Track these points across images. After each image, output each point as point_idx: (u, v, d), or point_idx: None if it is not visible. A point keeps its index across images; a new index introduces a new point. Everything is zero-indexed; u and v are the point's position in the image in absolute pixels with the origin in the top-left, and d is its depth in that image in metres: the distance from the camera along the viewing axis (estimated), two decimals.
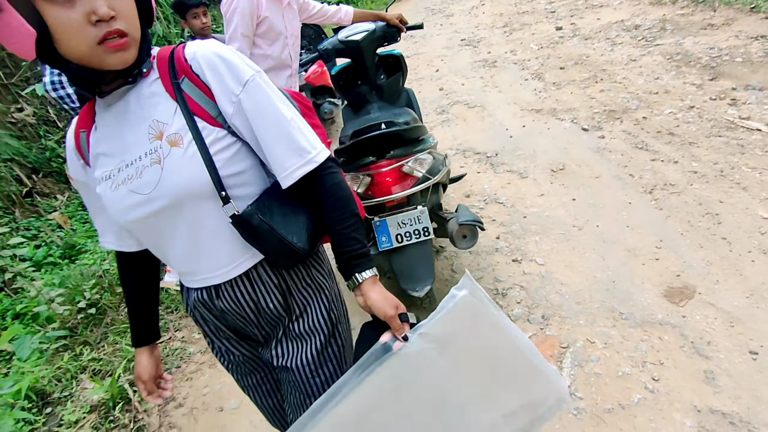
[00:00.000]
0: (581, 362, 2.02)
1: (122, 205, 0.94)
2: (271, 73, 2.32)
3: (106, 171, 0.96)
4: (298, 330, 1.10)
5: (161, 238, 1.00)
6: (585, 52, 5.56)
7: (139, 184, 0.92)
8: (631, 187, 3.04)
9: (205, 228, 0.97)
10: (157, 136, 0.92)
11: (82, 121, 1.00)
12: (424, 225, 2.08)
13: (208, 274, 1.02)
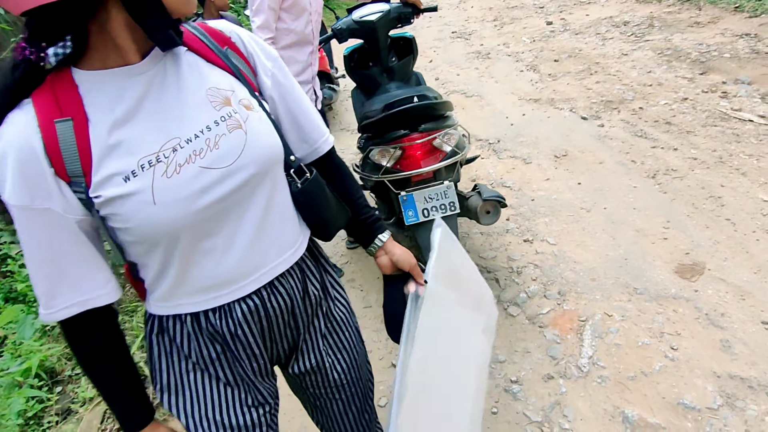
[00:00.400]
0: (601, 334, 2.09)
1: (191, 190, 0.77)
2: (294, 48, 2.30)
3: (144, 158, 0.75)
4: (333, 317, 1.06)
5: (223, 231, 0.83)
6: (577, 46, 5.68)
7: (215, 157, 0.79)
8: (635, 172, 3.13)
9: (277, 204, 0.90)
10: (224, 102, 0.82)
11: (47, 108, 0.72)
12: (450, 200, 2.11)
13: (274, 263, 0.91)
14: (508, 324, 2.25)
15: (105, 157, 0.73)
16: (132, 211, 0.74)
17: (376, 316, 2.45)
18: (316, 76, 2.53)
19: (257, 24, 2.17)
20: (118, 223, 0.76)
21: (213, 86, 0.82)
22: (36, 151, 0.71)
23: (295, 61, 2.32)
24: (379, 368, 2.17)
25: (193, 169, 0.77)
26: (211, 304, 0.87)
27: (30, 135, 0.71)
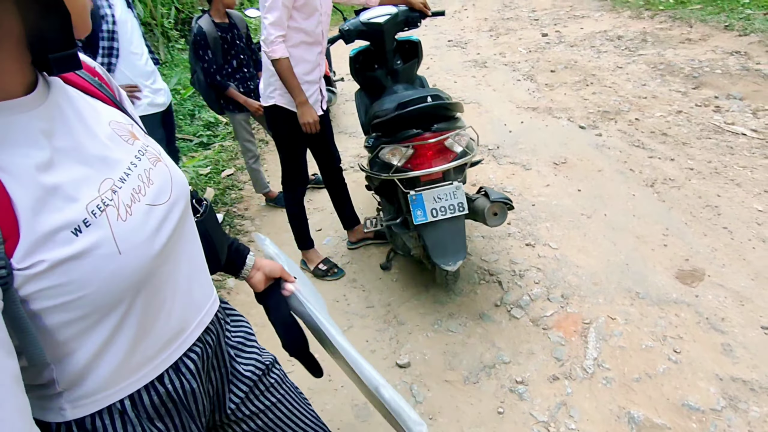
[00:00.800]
0: (605, 337, 2.11)
1: (148, 231, 0.68)
2: (303, 47, 2.31)
3: (91, 202, 0.62)
4: (246, 356, 1.02)
5: (170, 274, 0.75)
6: (573, 58, 5.78)
7: (155, 193, 0.72)
8: (633, 180, 3.19)
9: (195, 237, 0.85)
10: (132, 136, 0.75)
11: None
12: (459, 200, 2.12)
13: (209, 302, 0.87)
14: (512, 326, 2.27)
15: (40, 210, 0.57)
16: (91, 272, 0.60)
17: (379, 317, 2.45)
18: (323, 78, 2.54)
19: (270, 21, 2.17)
20: (58, 298, 0.58)
21: (113, 120, 0.74)
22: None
23: (304, 60, 2.33)
24: (383, 368, 2.17)
25: (143, 208, 0.69)
26: (165, 364, 0.77)
27: None
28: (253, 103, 3.21)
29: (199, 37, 3.02)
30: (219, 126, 5.21)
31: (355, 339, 2.34)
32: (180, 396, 0.79)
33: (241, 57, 3.22)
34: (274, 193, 3.66)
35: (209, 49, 3.05)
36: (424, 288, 2.58)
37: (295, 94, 2.29)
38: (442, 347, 2.22)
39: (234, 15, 3.19)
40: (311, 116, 2.33)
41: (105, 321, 0.65)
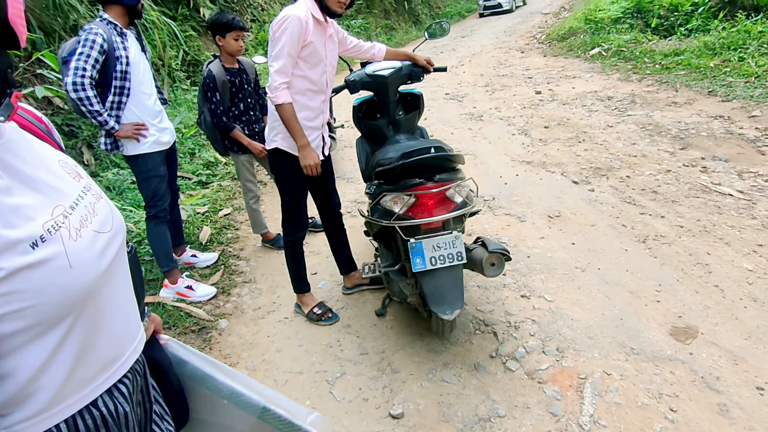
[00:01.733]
0: (601, 392, 2.10)
1: (95, 252, 0.76)
2: (307, 95, 2.40)
3: (47, 222, 0.70)
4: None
5: (111, 298, 0.81)
6: (565, 115, 6.00)
7: (99, 222, 0.80)
8: (625, 236, 3.26)
9: (129, 275, 0.91)
10: (77, 175, 0.82)
11: None
12: (458, 250, 2.15)
13: (140, 332, 0.92)
14: (507, 378, 2.25)
15: (2, 225, 0.64)
16: (45, 282, 0.66)
17: (373, 364, 2.42)
18: (326, 124, 2.62)
19: (275, 68, 2.27)
20: (10, 305, 0.63)
21: (61, 159, 0.82)
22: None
23: (306, 107, 2.41)
24: (375, 417, 2.12)
25: (90, 233, 0.77)
26: (102, 387, 0.80)
27: None
28: (257, 145, 3.32)
29: (209, 80, 3.16)
30: (218, 166, 5.28)
31: (347, 387, 2.30)
32: (114, 419, 0.81)
33: (248, 101, 3.36)
34: (272, 235, 3.67)
35: (217, 92, 3.19)
36: (418, 336, 2.57)
37: (297, 137, 2.36)
38: (437, 398, 2.18)
39: (244, 61, 3.37)
40: (313, 159, 2.39)
41: (49, 335, 0.68)
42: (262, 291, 3.17)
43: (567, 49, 10.35)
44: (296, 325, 2.79)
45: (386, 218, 2.22)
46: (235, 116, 3.33)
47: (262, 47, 10.08)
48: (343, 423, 2.11)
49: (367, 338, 2.62)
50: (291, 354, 2.57)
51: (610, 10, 10.90)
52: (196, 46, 8.26)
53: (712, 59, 7.11)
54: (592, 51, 9.38)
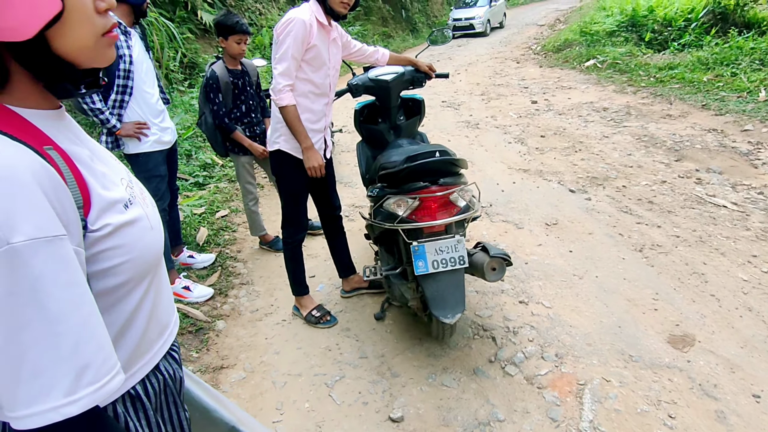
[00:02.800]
0: (600, 399, 2.11)
1: (157, 219, 0.83)
2: (310, 97, 2.40)
3: (123, 192, 0.77)
4: None
5: (164, 271, 0.89)
6: (561, 125, 6.06)
7: (145, 202, 0.84)
8: (622, 244, 3.29)
9: None
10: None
11: (20, 135, 0.64)
12: (460, 254, 2.16)
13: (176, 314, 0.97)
14: (506, 383, 2.25)
15: (101, 186, 0.71)
16: (135, 239, 0.74)
17: (372, 368, 2.41)
18: (329, 127, 2.62)
19: (279, 71, 2.28)
20: (114, 259, 0.71)
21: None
22: (55, 175, 0.63)
23: (309, 110, 2.42)
24: (375, 421, 2.12)
25: (148, 202, 0.85)
26: (162, 352, 0.86)
27: (37, 159, 0.62)
28: (258, 147, 3.30)
29: (212, 80, 3.12)
30: (215, 168, 5.26)
31: (347, 391, 2.29)
32: (174, 382, 0.89)
33: (250, 103, 3.34)
34: (270, 237, 3.66)
35: (220, 93, 3.15)
36: (418, 340, 2.57)
37: (301, 139, 2.36)
38: (437, 402, 2.18)
39: (247, 63, 3.34)
40: (317, 161, 2.39)
41: (134, 293, 0.76)
42: (259, 293, 3.16)
43: (563, 60, 10.47)
44: (294, 328, 2.77)
45: (389, 221, 2.22)
46: (236, 118, 3.31)
47: (259, 51, 10.09)
48: (343, 426, 2.10)
49: (367, 342, 2.61)
50: (289, 356, 2.55)
51: (605, 23, 11.06)
52: (194, 48, 8.26)
53: (706, 74, 7.24)
54: (587, 63, 9.49)
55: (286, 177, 2.56)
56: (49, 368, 0.58)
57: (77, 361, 0.60)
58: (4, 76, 0.64)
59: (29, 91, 0.68)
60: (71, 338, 0.60)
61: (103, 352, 0.64)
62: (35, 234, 0.58)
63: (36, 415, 0.58)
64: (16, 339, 0.57)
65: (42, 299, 0.58)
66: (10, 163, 0.59)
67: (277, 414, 2.21)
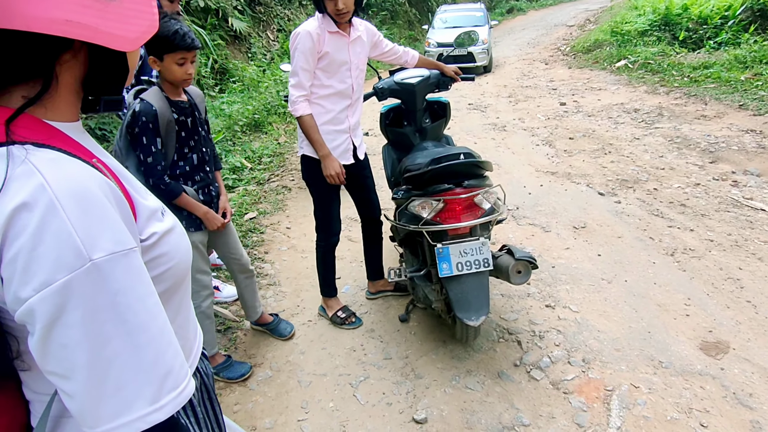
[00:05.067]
0: (628, 405, 2.07)
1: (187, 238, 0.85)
2: (331, 100, 2.44)
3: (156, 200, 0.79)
4: None
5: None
6: (591, 127, 5.96)
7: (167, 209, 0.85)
8: (653, 248, 3.21)
9: None
10: None
11: (67, 149, 0.65)
12: (484, 256, 2.16)
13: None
14: (531, 387, 2.23)
15: (140, 197, 0.73)
16: (176, 246, 0.76)
17: (396, 369, 2.43)
18: (356, 128, 2.63)
19: (292, 83, 2.36)
20: (160, 267, 0.73)
21: None
22: (116, 188, 0.65)
23: (330, 111, 2.46)
24: (399, 422, 2.13)
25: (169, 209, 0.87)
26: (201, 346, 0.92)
27: (98, 173, 0.64)
28: (215, 217, 2.23)
29: (145, 117, 1.95)
30: (244, 171, 5.37)
31: (371, 391, 2.31)
32: (208, 378, 0.93)
33: (203, 151, 2.22)
34: (268, 318, 2.80)
35: (158, 137, 2.02)
36: (442, 342, 2.57)
37: (317, 147, 2.40)
38: (460, 404, 2.18)
39: (193, 92, 2.23)
40: (334, 169, 2.42)
41: (176, 295, 0.79)
42: (286, 294, 3.21)
43: (592, 61, 10.28)
44: (320, 329, 2.81)
45: (414, 223, 2.24)
46: (184, 174, 2.15)
47: (287, 56, 10.26)
48: (367, 426, 2.12)
49: (391, 343, 2.63)
50: (314, 356, 2.59)
51: (637, 22, 10.80)
52: (224, 54, 8.47)
53: (743, 72, 6.99)
54: (618, 63, 9.29)
55: (315, 182, 2.58)
56: (134, 379, 0.60)
57: (160, 369, 0.63)
58: (48, 84, 0.64)
59: (64, 103, 0.68)
60: (152, 348, 0.62)
61: (180, 357, 0.66)
62: (114, 248, 0.59)
63: (121, 426, 0.59)
64: (100, 356, 0.58)
65: (123, 313, 0.60)
66: (79, 180, 0.60)
67: (302, 413, 2.24)
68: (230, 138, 6.12)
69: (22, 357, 0.65)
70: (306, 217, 4.25)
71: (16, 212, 0.55)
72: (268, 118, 7.05)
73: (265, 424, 2.21)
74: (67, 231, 0.56)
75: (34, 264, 0.55)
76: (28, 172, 0.57)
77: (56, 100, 0.66)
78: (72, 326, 0.57)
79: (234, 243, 2.47)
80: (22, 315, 0.57)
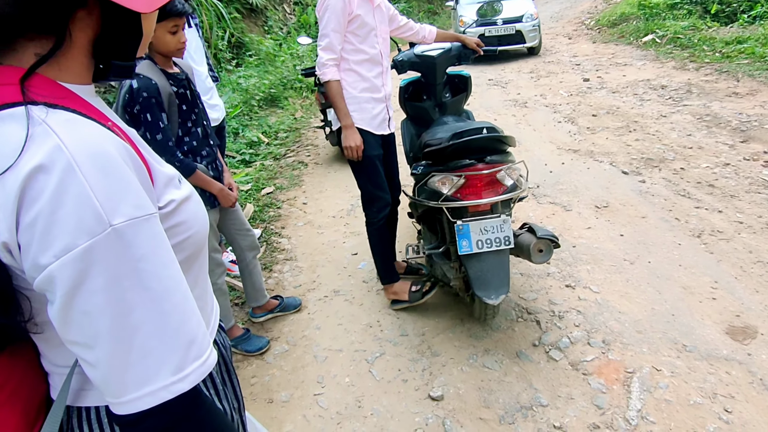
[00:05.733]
0: (650, 388, 2.02)
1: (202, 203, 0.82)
2: (365, 66, 2.37)
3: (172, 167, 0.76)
4: None
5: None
6: (615, 104, 5.77)
7: None
8: (679, 229, 3.11)
9: None
10: None
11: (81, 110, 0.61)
12: (505, 234, 2.10)
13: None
14: (550, 368, 2.20)
15: (156, 163, 0.70)
16: (194, 214, 0.73)
17: (412, 346, 2.41)
18: (390, 98, 2.54)
19: (322, 46, 2.28)
20: (179, 236, 0.70)
21: None
22: (132, 152, 0.62)
23: (366, 79, 2.38)
24: (415, 399, 2.12)
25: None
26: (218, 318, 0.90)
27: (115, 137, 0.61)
28: (230, 193, 2.17)
29: (147, 93, 1.83)
30: (261, 146, 5.35)
31: (386, 367, 2.30)
32: (226, 350, 0.92)
33: (204, 123, 2.15)
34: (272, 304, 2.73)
35: (163, 113, 1.90)
36: (459, 320, 2.54)
37: (341, 116, 2.34)
38: (478, 383, 2.16)
39: (182, 63, 2.13)
40: (354, 141, 2.36)
41: (194, 265, 0.76)
42: (302, 269, 3.21)
43: (618, 35, 9.91)
44: (336, 305, 2.80)
45: (433, 199, 2.18)
46: (191, 150, 2.06)
47: (304, 30, 10.10)
48: (382, 402, 2.12)
49: (407, 320, 2.61)
50: (330, 332, 2.59)
51: None
52: (240, 27, 8.37)
53: None
54: (645, 38, 8.95)
55: None
56: (158, 348, 0.58)
57: (184, 338, 0.61)
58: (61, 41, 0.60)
59: (77, 64, 0.64)
60: (177, 316, 0.60)
61: (202, 326, 0.65)
62: (134, 213, 0.57)
63: (146, 396, 0.58)
64: (124, 323, 0.56)
65: (146, 280, 0.57)
66: (97, 142, 0.57)
67: (318, 387, 2.25)
68: (247, 112, 6.09)
69: (34, 319, 0.63)
70: (322, 193, 4.22)
71: (33, 175, 0.52)
72: (285, 93, 6.98)
73: (282, 397, 2.22)
74: (86, 194, 0.53)
75: (54, 228, 0.52)
76: (43, 133, 0.54)
77: (69, 60, 0.63)
78: (95, 293, 0.54)
79: (242, 218, 2.45)
80: (41, 282, 0.54)
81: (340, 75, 2.32)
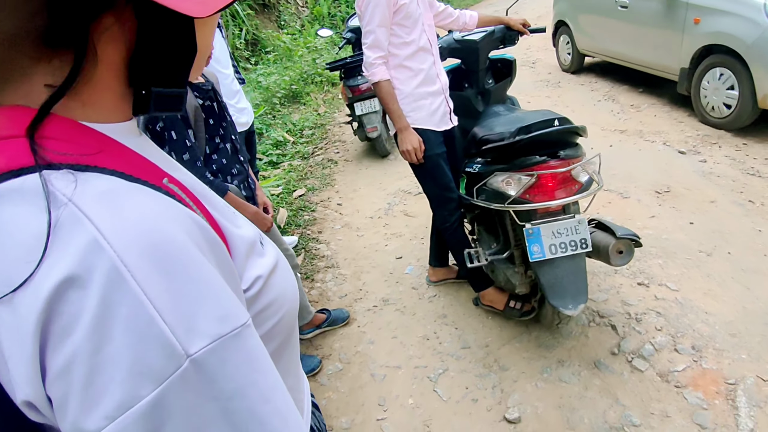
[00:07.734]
0: (759, 402, 1.79)
1: None
2: (418, 58, 2.17)
3: (248, 223, 0.61)
4: None
5: None
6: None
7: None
8: (756, 214, 2.83)
9: None
10: None
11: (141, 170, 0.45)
12: (582, 236, 1.88)
13: None
14: (635, 379, 1.98)
15: (231, 223, 0.50)
16: (283, 289, 0.54)
17: (477, 360, 2.22)
18: (447, 88, 2.32)
19: (368, 44, 2.08)
20: (267, 323, 0.52)
21: None
22: (206, 227, 0.43)
23: (421, 71, 2.18)
24: (489, 421, 1.93)
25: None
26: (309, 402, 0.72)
27: (180, 208, 0.41)
28: (264, 217, 1.92)
29: None
30: (287, 145, 5.18)
31: (452, 385, 2.12)
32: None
33: (233, 138, 1.91)
34: (321, 317, 2.56)
35: (190, 129, 1.69)
36: (524, 328, 2.34)
37: (395, 118, 2.15)
38: (556, 400, 1.95)
39: (206, 71, 1.94)
40: (411, 143, 2.16)
41: (283, 355, 0.57)
42: (346, 277, 3.03)
43: None
44: (387, 315, 2.62)
45: (497, 200, 1.97)
46: (221, 168, 1.84)
47: (318, 22, 9.87)
48: (453, 426, 1.93)
49: (467, 330, 2.41)
50: (385, 346, 2.41)
51: None
52: (254, 24, 8.19)
53: None
54: None
55: None
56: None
57: None
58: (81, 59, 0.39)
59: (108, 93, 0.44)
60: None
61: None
62: (220, 330, 0.39)
63: None
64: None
65: (241, 424, 0.39)
66: (156, 224, 0.38)
67: (380, 410, 2.08)
68: (270, 111, 5.92)
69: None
70: (356, 192, 4.03)
71: (61, 292, 0.34)
72: (306, 89, 6.79)
73: (342, 424, 2.06)
74: (146, 315, 0.35)
75: (101, 376, 0.34)
76: (70, 220, 0.35)
77: (97, 89, 0.43)
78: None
79: (279, 238, 2.28)
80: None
81: (390, 73, 2.12)
